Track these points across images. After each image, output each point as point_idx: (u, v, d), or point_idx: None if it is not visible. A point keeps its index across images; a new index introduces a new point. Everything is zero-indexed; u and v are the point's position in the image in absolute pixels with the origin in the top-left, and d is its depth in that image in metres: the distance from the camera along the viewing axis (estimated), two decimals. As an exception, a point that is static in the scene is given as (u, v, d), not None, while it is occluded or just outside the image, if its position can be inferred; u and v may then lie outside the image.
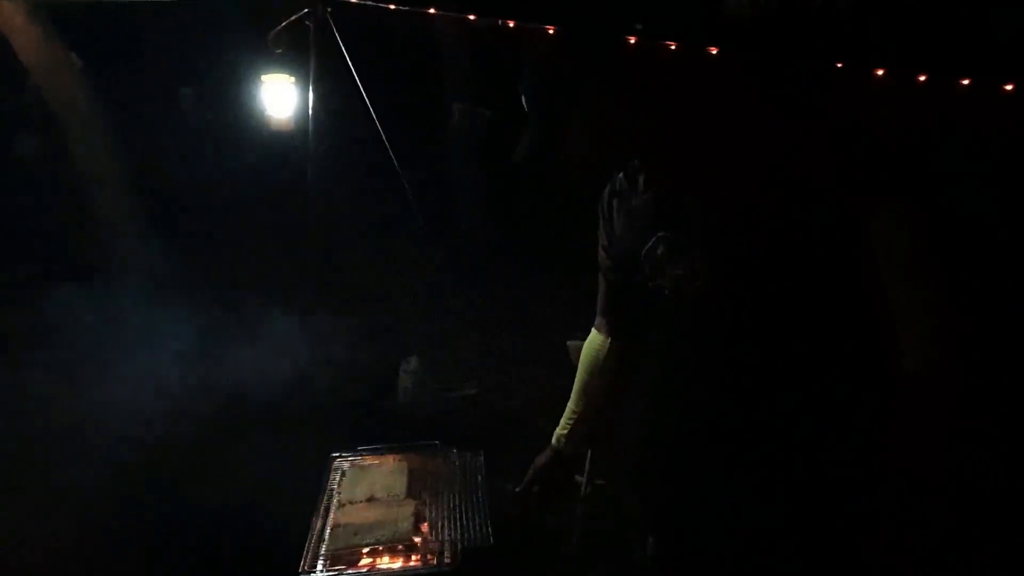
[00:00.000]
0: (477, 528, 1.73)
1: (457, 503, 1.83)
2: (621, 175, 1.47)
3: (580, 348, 3.91)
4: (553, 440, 1.76)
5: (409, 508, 1.82)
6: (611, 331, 1.68)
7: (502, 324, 4.87)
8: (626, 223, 1.49)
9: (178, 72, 6.84)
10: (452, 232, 6.02)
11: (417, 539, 1.80)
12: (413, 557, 1.75)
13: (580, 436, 1.74)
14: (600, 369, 1.69)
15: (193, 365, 3.60)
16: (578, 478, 2.58)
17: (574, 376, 1.82)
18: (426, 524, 1.83)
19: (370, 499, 1.88)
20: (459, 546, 1.68)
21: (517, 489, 1.77)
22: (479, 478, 1.90)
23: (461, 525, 1.75)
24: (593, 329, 1.73)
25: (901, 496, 1.29)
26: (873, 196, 1.25)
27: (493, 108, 6.65)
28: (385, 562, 1.73)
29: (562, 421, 1.76)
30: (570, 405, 1.75)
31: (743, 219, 1.27)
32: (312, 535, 1.77)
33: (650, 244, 1.38)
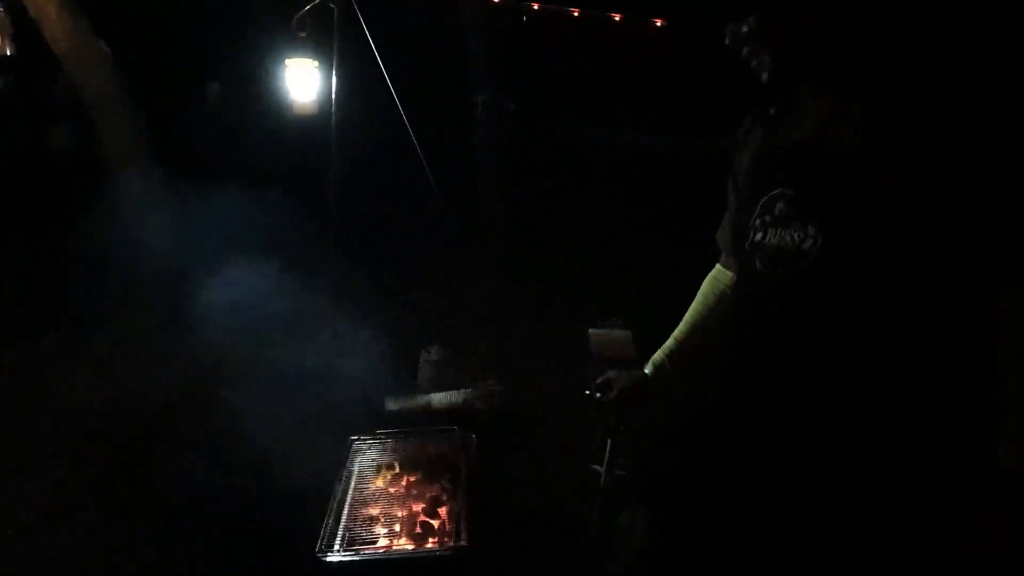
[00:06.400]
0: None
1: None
2: (774, 105, 1.29)
3: (602, 337, 3.86)
4: (648, 366, 1.61)
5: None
6: (734, 268, 1.49)
7: (524, 314, 4.85)
8: (757, 158, 1.31)
9: (205, 58, 6.91)
10: (474, 222, 6.02)
11: (434, 522, 1.79)
12: (430, 540, 1.75)
13: (670, 369, 1.57)
14: (717, 305, 1.53)
15: (214, 351, 3.64)
16: (597, 468, 2.55)
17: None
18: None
19: None
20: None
21: (587, 392, 1.67)
22: None
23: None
24: (718, 265, 1.57)
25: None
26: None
27: (517, 99, 6.62)
28: (402, 543, 1.73)
29: (663, 347, 1.60)
30: (675, 334, 1.59)
31: (883, 219, 1.07)
32: (330, 516, 1.77)
33: (771, 195, 1.21)
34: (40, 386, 3.45)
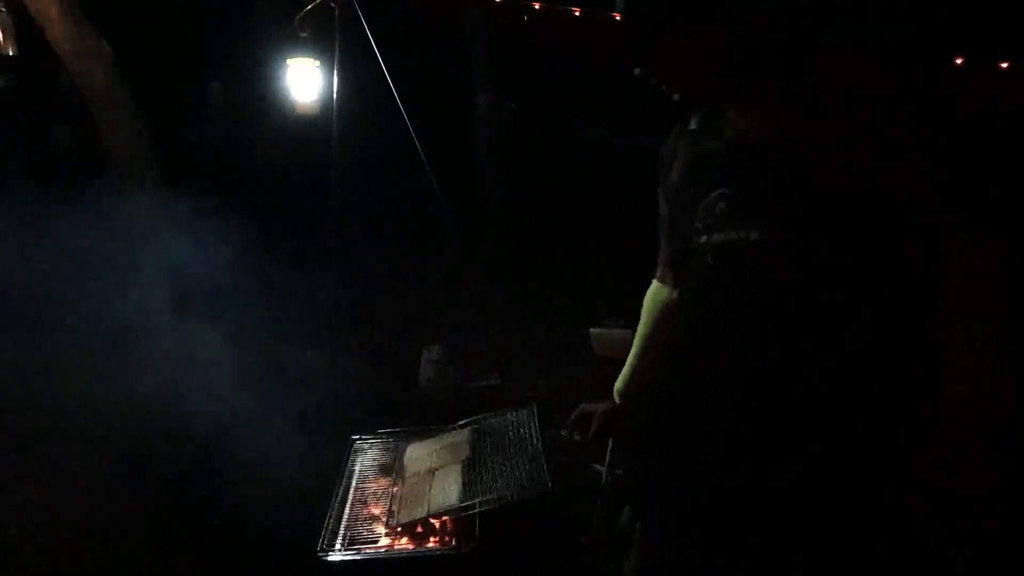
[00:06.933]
0: (532, 478, 1.70)
1: (513, 457, 1.81)
2: (695, 117, 1.36)
3: (603, 337, 3.84)
4: (614, 394, 1.67)
5: (460, 474, 1.81)
6: (675, 282, 1.55)
7: (525, 314, 4.86)
8: (688, 166, 1.36)
9: (206, 57, 6.91)
10: (476, 222, 6.02)
11: (435, 522, 1.79)
12: (432, 539, 1.75)
13: (636, 391, 1.63)
14: (663, 322, 1.58)
15: (219, 349, 3.64)
16: (598, 467, 2.55)
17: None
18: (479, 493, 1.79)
19: (431, 470, 1.89)
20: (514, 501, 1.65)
21: (563, 432, 1.69)
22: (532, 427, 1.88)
23: (517, 479, 1.73)
24: (655, 280, 1.61)
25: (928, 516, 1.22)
26: (968, 205, 1.14)
27: (517, 98, 6.62)
28: (403, 543, 1.74)
29: (622, 374, 1.66)
30: (630, 359, 1.64)
31: (825, 198, 1.14)
32: (331, 515, 1.77)
33: (710, 198, 1.26)
34: (42, 379, 3.44)
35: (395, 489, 1.87)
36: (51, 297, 3.93)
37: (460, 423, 2.07)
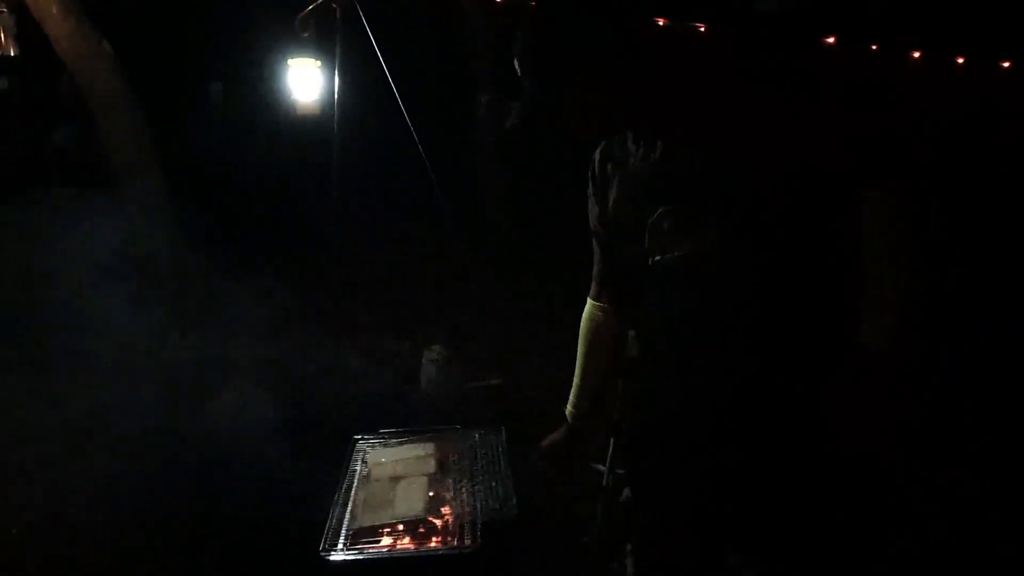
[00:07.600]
0: (501, 500, 1.72)
1: (480, 478, 1.82)
2: (619, 142, 1.39)
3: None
4: (567, 416, 1.73)
5: (425, 486, 1.83)
6: (610, 299, 1.60)
7: (527, 314, 4.86)
8: (624, 190, 1.39)
9: (208, 58, 6.93)
10: (478, 221, 6.03)
11: (438, 520, 1.80)
12: (434, 539, 1.75)
13: (588, 409, 1.69)
14: (601, 339, 1.64)
15: (221, 350, 3.65)
16: (599, 467, 2.55)
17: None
18: (447, 506, 1.82)
19: (394, 478, 1.89)
20: (479, 522, 1.66)
21: (537, 461, 1.76)
22: (500, 450, 1.90)
23: (483, 499, 1.74)
24: (589, 299, 1.65)
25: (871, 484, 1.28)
26: (876, 176, 1.19)
27: (520, 97, 6.62)
28: (406, 543, 1.74)
29: (570, 396, 1.71)
30: (575, 379, 1.70)
31: (759, 197, 1.20)
32: (333, 514, 1.78)
33: (655, 217, 1.30)
34: (41, 381, 3.45)
35: (358, 493, 1.88)
36: (53, 304, 3.94)
37: (424, 432, 2.10)
